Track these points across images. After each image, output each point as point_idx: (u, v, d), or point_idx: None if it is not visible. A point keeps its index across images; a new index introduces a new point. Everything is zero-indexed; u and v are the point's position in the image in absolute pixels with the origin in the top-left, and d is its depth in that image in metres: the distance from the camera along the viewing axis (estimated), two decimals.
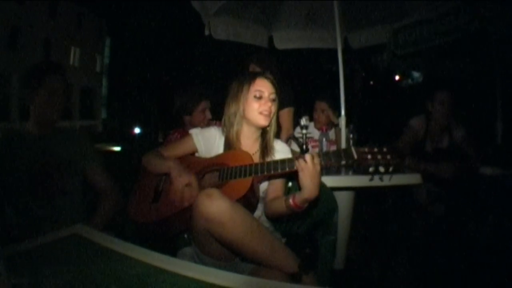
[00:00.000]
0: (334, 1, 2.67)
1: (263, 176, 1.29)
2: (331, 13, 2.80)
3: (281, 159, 1.27)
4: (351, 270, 2.42)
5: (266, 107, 1.40)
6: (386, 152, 1.17)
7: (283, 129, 2.61)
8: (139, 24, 23.20)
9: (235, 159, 1.36)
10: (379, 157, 1.16)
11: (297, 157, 1.21)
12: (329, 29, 3.33)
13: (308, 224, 1.58)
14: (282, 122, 2.56)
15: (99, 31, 26.81)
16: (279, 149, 1.50)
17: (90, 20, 25.34)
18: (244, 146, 1.46)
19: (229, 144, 1.47)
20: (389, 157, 1.16)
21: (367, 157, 1.17)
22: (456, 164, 2.27)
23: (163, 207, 1.36)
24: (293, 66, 13.46)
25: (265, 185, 1.44)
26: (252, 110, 1.41)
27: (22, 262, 0.92)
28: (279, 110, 1.55)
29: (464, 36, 2.59)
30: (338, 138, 2.65)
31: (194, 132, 1.54)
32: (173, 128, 2.31)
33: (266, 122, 1.42)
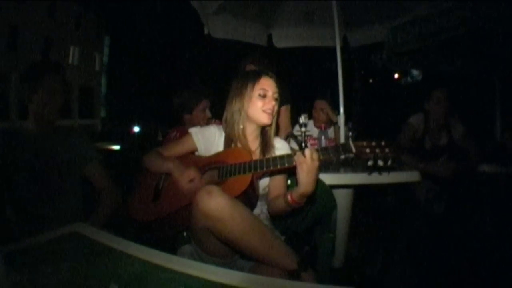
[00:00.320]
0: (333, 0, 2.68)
1: (263, 172, 1.30)
2: (330, 12, 2.81)
3: (279, 155, 1.28)
4: (351, 268, 2.42)
5: (270, 106, 1.41)
6: (384, 145, 1.18)
7: (281, 127, 2.61)
8: (138, 23, 23.21)
9: (234, 157, 1.36)
10: (377, 150, 1.18)
11: (296, 152, 1.21)
12: (328, 28, 3.33)
13: (307, 222, 1.59)
14: (279, 120, 2.56)
15: (99, 30, 26.73)
16: (279, 147, 1.51)
17: (90, 19, 25.27)
18: (245, 143, 1.46)
19: (230, 142, 1.47)
20: (387, 150, 1.18)
21: (365, 151, 1.18)
22: (455, 162, 2.27)
23: (163, 206, 1.37)
24: (292, 64, 13.48)
25: (265, 182, 1.44)
26: (256, 108, 1.41)
27: (22, 260, 0.92)
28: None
29: (463, 34, 2.60)
30: (337, 136, 2.66)
31: (194, 131, 1.54)
32: (172, 126, 2.32)
33: (269, 121, 1.43)
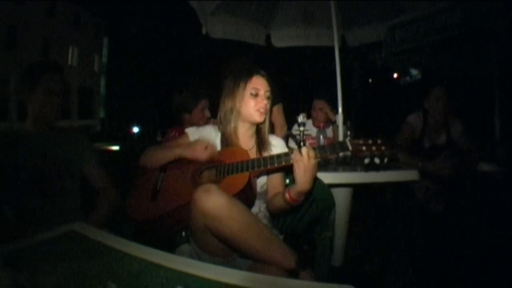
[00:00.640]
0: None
1: (260, 170, 1.30)
2: (328, 11, 2.81)
3: (277, 154, 1.29)
4: (350, 267, 2.43)
5: (262, 105, 1.43)
6: (381, 143, 1.20)
7: (277, 126, 2.61)
8: (137, 24, 23.20)
9: (231, 156, 1.37)
10: (373, 148, 1.19)
11: (293, 151, 1.22)
12: (326, 27, 3.33)
13: (306, 221, 1.59)
14: (274, 120, 2.56)
15: (97, 30, 26.73)
16: (275, 144, 1.53)
17: (88, 20, 25.26)
18: (241, 142, 1.48)
19: (226, 141, 1.49)
20: (384, 148, 1.19)
21: (362, 149, 1.19)
22: (454, 161, 2.27)
23: (161, 205, 1.37)
24: (291, 64, 13.48)
25: (262, 180, 1.45)
26: (249, 107, 1.43)
27: (20, 259, 0.92)
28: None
29: (461, 33, 2.60)
30: (336, 135, 2.67)
31: (190, 131, 1.55)
32: (171, 127, 2.32)
33: (262, 119, 1.45)
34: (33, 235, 1.08)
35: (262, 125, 1.51)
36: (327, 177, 1.73)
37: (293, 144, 2.29)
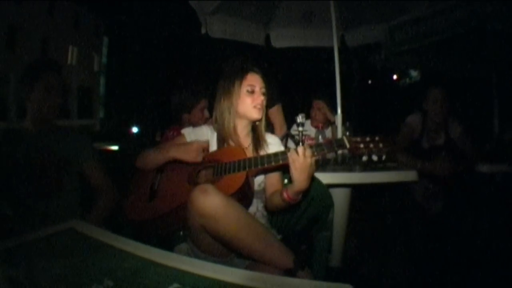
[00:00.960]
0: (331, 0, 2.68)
1: (257, 169, 1.30)
2: (328, 12, 2.81)
3: (274, 152, 1.29)
4: (348, 267, 2.42)
5: (259, 101, 1.44)
6: (378, 140, 1.20)
7: (277, 126, 2.61)
8: (137, 23, 23.19)
9: (228, 155, 1.37)
10: (371, 145, 1.19)
11: (290, 150, 1.23)
12: (326, 28, 3.33)
13: (304, 221, 1.59)
14: (274, 120, 2.56)
15: (97, 30, 26.73)
16: (271, 142, 1.53)
17: (88, 19, 25.27)
18: (237, 140, 1.48)
19: (222, 140, 1.49)
20: (382, 145, 1.19)
21: (359, 146, 1.20)
22: (453, 162, 2.28)
23: (159, 205, 1.37)
24: (290, 64, 13.48)
25: (260, 178, 1.45)
26: (246, 104, 1.44)
27: (18, 256, 0.92)
28: (268, 108, 1.57)
29: (461, 33, 2.60)
30: (334, 135, 2.67)
31: (186, 131, 1.56)
32: (170, 126, 2.31)
33: (260, 116, 1.46)
34: (31, 232, 1.08)
35: (258, 123, 1.51)
36: (325, 177, 1.73)
37: (291, 144, 2.29)
